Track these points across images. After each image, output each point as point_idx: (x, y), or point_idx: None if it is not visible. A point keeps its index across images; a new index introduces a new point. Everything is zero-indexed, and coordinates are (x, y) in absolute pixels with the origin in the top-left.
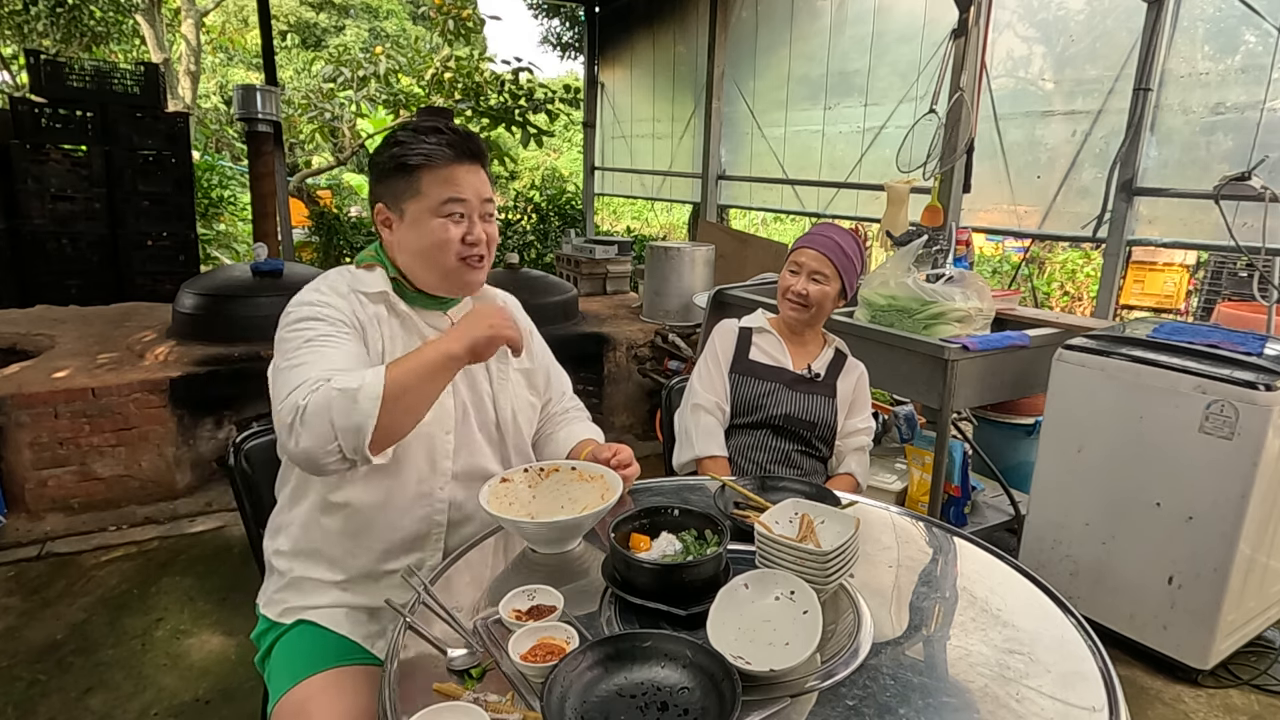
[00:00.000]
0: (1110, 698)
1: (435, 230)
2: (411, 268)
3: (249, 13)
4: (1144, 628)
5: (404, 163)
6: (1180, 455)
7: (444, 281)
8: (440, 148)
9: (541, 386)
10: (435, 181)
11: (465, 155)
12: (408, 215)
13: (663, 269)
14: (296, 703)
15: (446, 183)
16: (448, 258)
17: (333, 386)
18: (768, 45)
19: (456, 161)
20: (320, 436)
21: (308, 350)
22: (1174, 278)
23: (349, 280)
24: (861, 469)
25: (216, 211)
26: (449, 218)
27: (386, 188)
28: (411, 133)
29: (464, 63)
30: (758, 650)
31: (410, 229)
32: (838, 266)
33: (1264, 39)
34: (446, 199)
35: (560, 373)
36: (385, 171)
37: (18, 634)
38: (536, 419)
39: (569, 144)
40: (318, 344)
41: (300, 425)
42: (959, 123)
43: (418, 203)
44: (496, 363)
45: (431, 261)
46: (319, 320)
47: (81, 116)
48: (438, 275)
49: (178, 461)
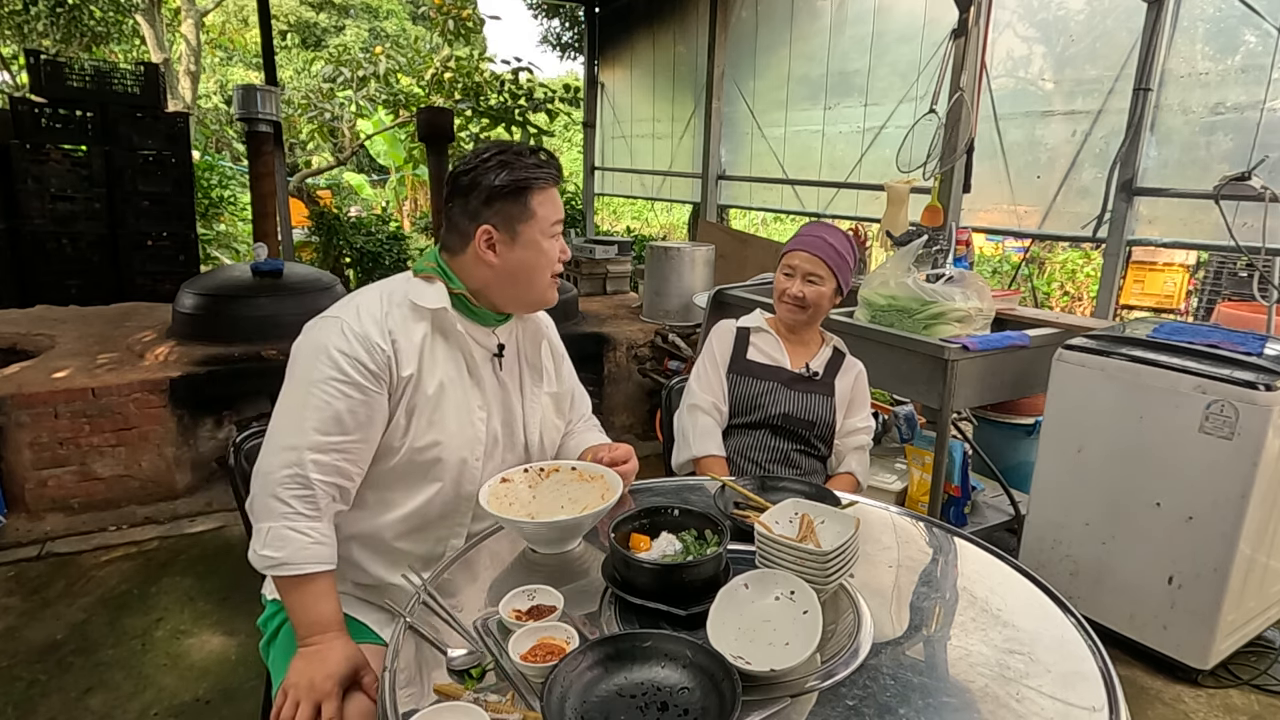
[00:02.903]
0: (1110, 698)
1: (547, 250)
2: (497, 286)
3: (249, 12)
4: (1144, 628)
5: (522, 184)
6: (1180, 455)
7: (532, 298)
8: (547, 170)
9: (566, 410)
10: (544, 203)
11: (560, 176)
12: (521, 237)
13: (663, 269)
14: None
15: (553, 204)
16: (546, 275)
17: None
18: (768, 45)
19: (556, 183)
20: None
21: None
22: (1174, 278)
23: (407, 291)
24: (861, 468)
25: (216, 211)
26: (555, 238)
27: (497, 211)
28: (515, 155)
29: (464, 63)
30: (758, 650)
31: (522, 249)
32: (831, 266)
33: (1264, 39)
34: (555, 220)
35: (583, 394)
36: (498, 195)
37: (18, 634)
38: (559, 436)
39: (569, 144)
40: (328, 392)
41: (255, 476)
42: (959, 123)
43: (531, 225)
44: (530, 385)
45: (533, 280)
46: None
47: (81, 116)
48: (532, 292)
49: (178, 461)
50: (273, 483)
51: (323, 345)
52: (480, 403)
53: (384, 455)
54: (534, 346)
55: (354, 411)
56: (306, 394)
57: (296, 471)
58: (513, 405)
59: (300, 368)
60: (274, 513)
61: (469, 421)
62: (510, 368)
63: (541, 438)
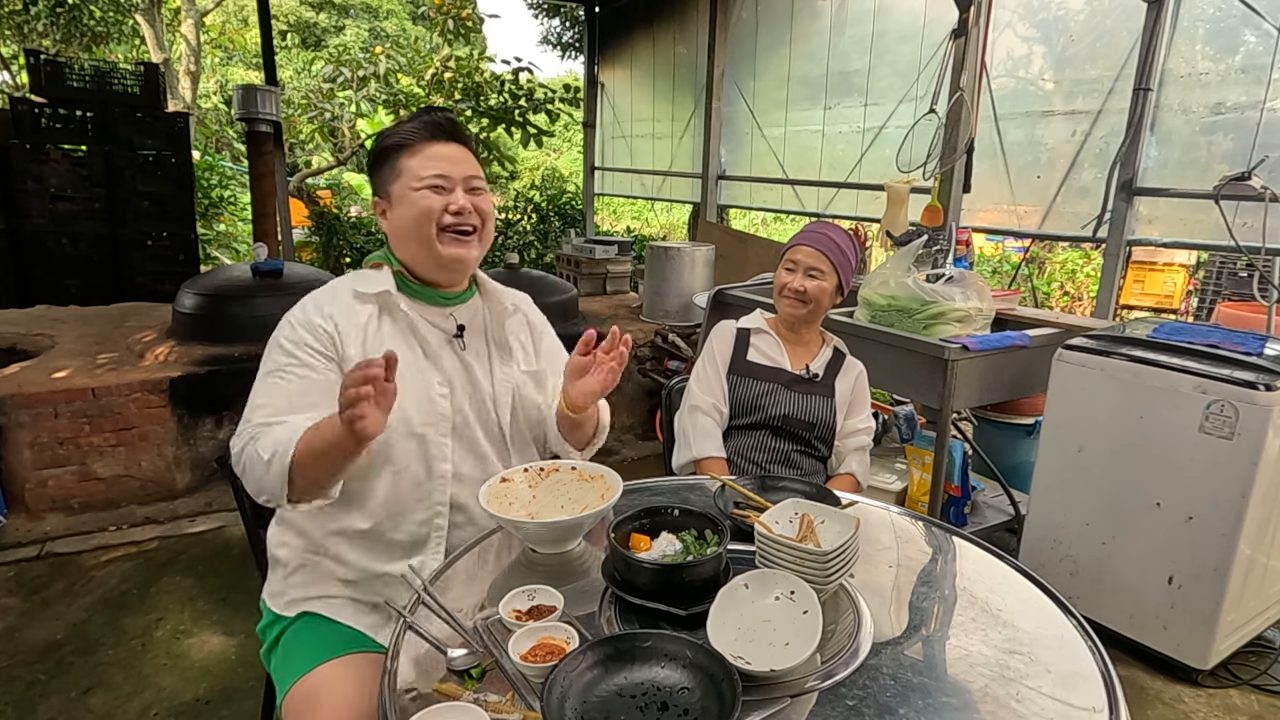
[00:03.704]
0: (1110, 698)
1: (418, 201)
2: (406, 254)
3: (249, 12)
4: (1144, 628)
5: (385, 147)
6: (1180, 455)
7: (432, 259)
8: (414, 128)
9: (551, 388)
10: (414, 159)
11: (441, 134)
12: (393, 197)
13: (663, 269)
14: (308, 690)
15: (424, 158)
16: (430, 228)
17: (256, 446)
18: (768, 45)
19: (433, 140)
20: (252, 489)
21: (268, 383)
22: (1174, 278)
23: (351, 283)
24: (862, 469)
25: (216, 211)
26: (430, 189)
27: (377, 180)
28: (393, 126)
29: (464, 63)
30: (758, 650)
31: (396, 208)
32: (833, 262)
33: (1264, 39)
34: (426, 173)
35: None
36: (373, 164)
37: (18, 634)
38: (541, 419)
39: (569, 144)
40: (277, 376)
41: (239, 470)
42: (959, 123)
43: (400, 182)
44: (499, 365)
45: (419, 236)
46: (288, 351)
47: (81, 116)
48: (425, 252)
49: (178, 461)
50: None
51: (275, 339)
52: (440, 380)
53: None
54: (499, 325)
55: (306, 393)
56: (261, 384)
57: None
58: (480, 385)
59: (261, 364)
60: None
61: (428, 398)
62: (476, 348)
63: (518, 416)
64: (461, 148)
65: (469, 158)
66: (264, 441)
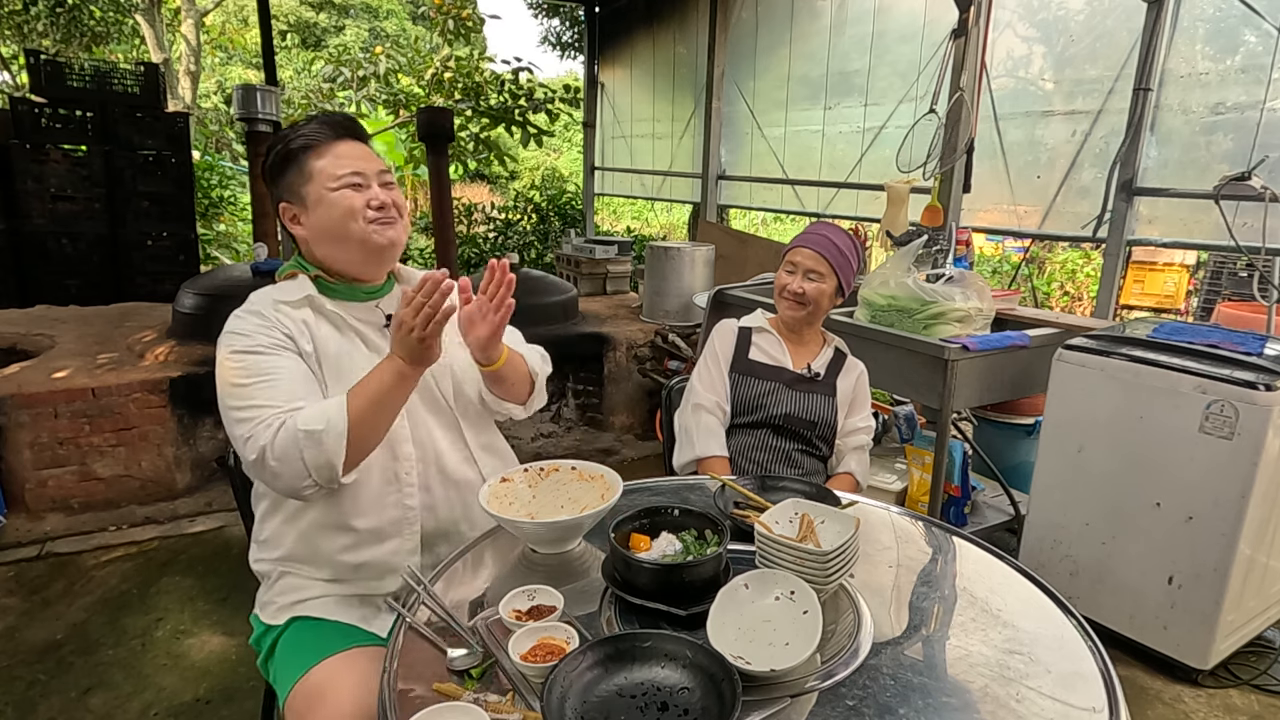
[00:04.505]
0: (1110, 698)
1: (339, 201)
2: (329, 255)
3: (249, 12)
4: (1144, 628)
5: (288, 151)
6: (1180, 455)
7: (361, 253)
8: (318, 129)
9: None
10: (322, 160)
11: (344, 132)
12: (309, 200)
13: (663, 269)
14: (311, 688)
15: (335, 158)
16: (357, 224)
17: (298, 428)
18: (768, 45)
19: (337, 139)
20: (295, 475)
21: (254, 387)
22: (1174, 278)
23: (271, 296)
24: (861, 468)
25: (216, 211)
26: (349, 187)
27: (283, 186)
28: (290, 130)
29: (464, 63)
30: (758, 650)
31: (315, 211)
32: (833, 264)
33: (1264, 39)
34: (340, 172)
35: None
36: (275, 170)
37: (18, 634)
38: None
39: (569, 144)
40: (262, 377)
41: (273, 465)
42: (959, 123)
43: (314, 185)
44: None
45: (344, 234)
46: (254, 352)
47: (81, 116)
48: (354, 248)
49: (178, 461)
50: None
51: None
52: None
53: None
54: None
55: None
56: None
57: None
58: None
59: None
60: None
61: None
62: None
63: (458, 388)
64: (364, 145)
65: (373, 154)
66: (306, 416)
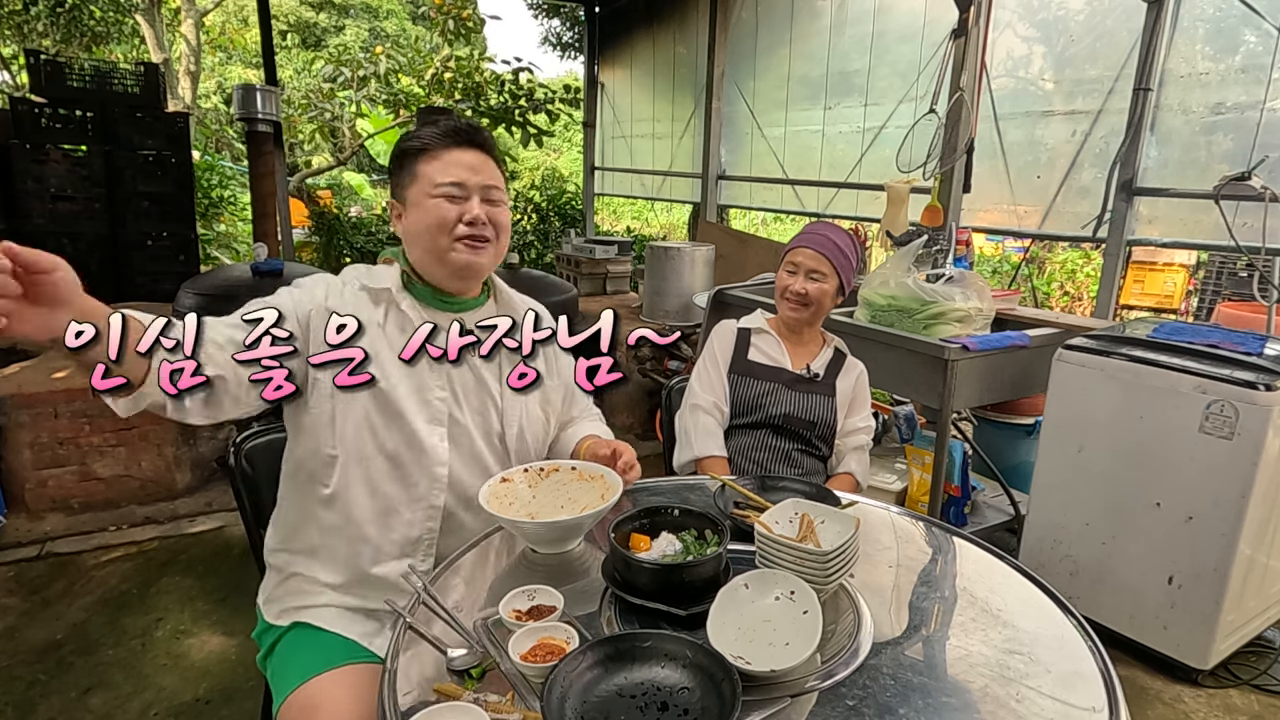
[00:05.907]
0: (1110, 698)
1: (432, 209)
2: (417, 260)
3: (249, 12)
4: (1144, 628)
5: (404, 151)
6: (1180, 455)
7: (444, 267)
8: (436, 134)
9: (558, 403)
10: (432, 165)
11: (462, 141)
12: (409, 201)
13: (663, 269)
14: (303, 701)
15: (443, 164)
16: (444, 238)
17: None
18: (768, 45)
19: (454, 146)
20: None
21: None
22: (1174, 278)
23: (359, 276)
24: (861, 468)
25: (216, 211)
26: (445, 198)
27: (395, 181)
28: (415, 131)
29: (464, 63)
30: (758, 650)
31: (411, 214)
32: (834, 264)
33: (1264, 39)
34: (441, 180)
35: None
36: (393, 167)
37: (18, 634)
38: (548, 435)
39: (569, 144)
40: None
41: None
42: (959, 123)
43: (416, 188)
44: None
45: (429, 244)
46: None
47: (81, 116)
48: (438, 260)
49: (178, 461)
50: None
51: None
52: (440, 383)
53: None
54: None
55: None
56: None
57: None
58: (485, 397)
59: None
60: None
61: (423, 398)
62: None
63: (522, 430)
64: (483, 155)
65: (490, 166)
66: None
